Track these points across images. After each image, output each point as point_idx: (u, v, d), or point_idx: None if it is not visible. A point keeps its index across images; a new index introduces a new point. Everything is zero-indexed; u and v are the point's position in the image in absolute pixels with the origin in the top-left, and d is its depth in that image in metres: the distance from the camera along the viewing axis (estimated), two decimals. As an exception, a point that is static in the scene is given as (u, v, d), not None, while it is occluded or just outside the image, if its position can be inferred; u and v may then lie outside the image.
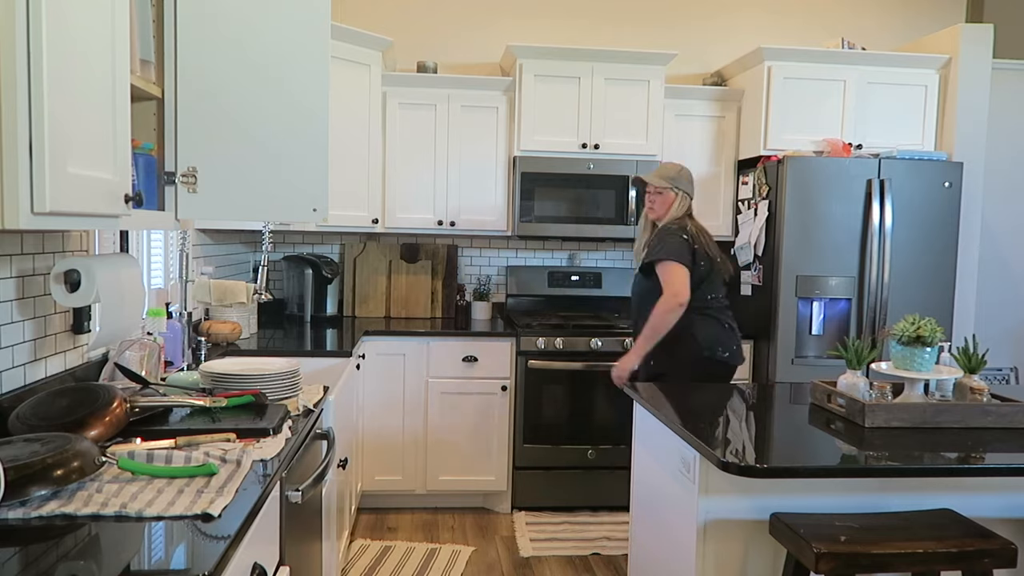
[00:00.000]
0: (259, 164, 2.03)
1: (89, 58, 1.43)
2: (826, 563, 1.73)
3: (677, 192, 3.08)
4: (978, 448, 1.99)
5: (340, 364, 3.10)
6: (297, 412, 2.07)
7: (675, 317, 2.90)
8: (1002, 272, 4.35)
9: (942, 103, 4.04)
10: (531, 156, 3.95)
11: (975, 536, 1.83)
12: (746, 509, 2.01)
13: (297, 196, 2.07)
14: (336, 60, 3.47)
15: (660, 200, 3.09)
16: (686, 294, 2.89)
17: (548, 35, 4.35)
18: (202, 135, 1.99)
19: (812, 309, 3.78)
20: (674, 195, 3.07)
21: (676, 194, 3.07)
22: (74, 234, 2.11)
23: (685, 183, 3.10)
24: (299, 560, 1.94)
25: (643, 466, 2.55)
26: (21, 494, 1.30)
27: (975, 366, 2.26)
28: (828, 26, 4.51)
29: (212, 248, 3.58)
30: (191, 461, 1.53)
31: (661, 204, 3.10)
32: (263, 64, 2.03)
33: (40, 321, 1.92)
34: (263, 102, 2.04)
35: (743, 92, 4.12)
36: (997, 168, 4.20)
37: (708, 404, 2.47)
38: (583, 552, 3.42)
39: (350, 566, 3.20)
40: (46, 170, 1.26)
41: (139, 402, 1.83)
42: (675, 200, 3.08)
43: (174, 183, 1.98)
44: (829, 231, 3.73)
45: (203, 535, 1.24)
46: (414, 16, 4.30)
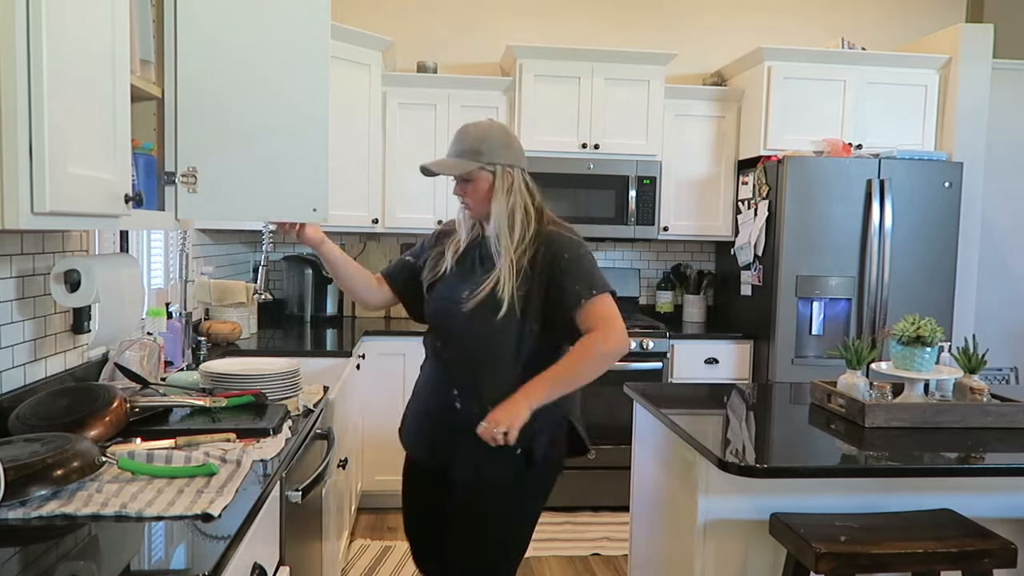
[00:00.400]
0: (259, 164, 2.03)
1: (89, 58, 1.43)
2: (826, 563, 1.73)
3: (495, 168, 1.92)
4: (978, 448, 1.99)
5: (340, 364, 3.10)
6: (297, 412, 2.07)
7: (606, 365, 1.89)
8: (1002, 272, 4.35)
9: (942, 103, 4.04)
10: (531, 156, 3.88)
11: (975, 536, 1.83)
12: (746, 509, 2.01)
13: (297, 196, 2.06)
14: (336, 60, 3.47)
15: (474, 189, 1.94)
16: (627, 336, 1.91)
17: (548, 35, 4.35)
18: (202, 135, 1.99)
19: (812, 309, 3.78)
20: (491, 174, 1.92)
21: (494, 171, 1.92)
22: (74, 234, 2.11)
23: (500, 149, 1.93)
24: (299, 560, 1.94)
25: (643, 466, 2.55)
26: (21, 494, 1.29)
27: (975, 366, 2.26)
28: (828, 26, 4.51)
29: (212, 248, 3.58)
30: (191, 461, 1.53)
31: (478, 195, 1.95)
32: (263, 64, 2.03)
33: (40, 321, 1.92)
34: (263, 102, 2.03)
35: (743, 92, 4.12)
36: (997, 168, 4.20)
37: (708, 404, 2.47)
38: (583, 552, 3.42)
39: (350, 566, 3.20)
40: (46, 170, 1.26)
41: (139, 402, 1.83)
42: (497, 179, 1.92)
43: (174, 183, 1.98)
44: (829, 231, 3.73)
45: (203, 535, 1.24)
46: (414, 16, 4.30)
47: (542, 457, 1.91)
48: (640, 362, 3.81)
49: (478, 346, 1.92)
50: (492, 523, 1.93)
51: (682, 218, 4.16)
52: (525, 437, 1.83)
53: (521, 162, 1.98)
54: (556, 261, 1.89)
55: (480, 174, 1.93)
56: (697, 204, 4.18)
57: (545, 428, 1.90)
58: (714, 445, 1.92)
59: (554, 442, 1.95)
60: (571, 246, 1.92)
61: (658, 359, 3.83)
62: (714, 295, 4.52)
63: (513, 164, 1.95)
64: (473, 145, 1.93)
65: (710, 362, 3.93)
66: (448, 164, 1.96)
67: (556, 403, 1.87)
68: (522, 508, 1.96)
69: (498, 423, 1.77)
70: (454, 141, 1.98)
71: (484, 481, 1.90)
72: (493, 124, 1.99)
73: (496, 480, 1.90)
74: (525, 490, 1.94)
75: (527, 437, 1.84)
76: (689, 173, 4.15)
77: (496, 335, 1.89)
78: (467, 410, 1.90)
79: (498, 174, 1.92)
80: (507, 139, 1.97)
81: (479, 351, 1.92)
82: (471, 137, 1.95)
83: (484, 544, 1.93)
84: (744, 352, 3.95)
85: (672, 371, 3.90)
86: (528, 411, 1.80)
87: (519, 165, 1.97)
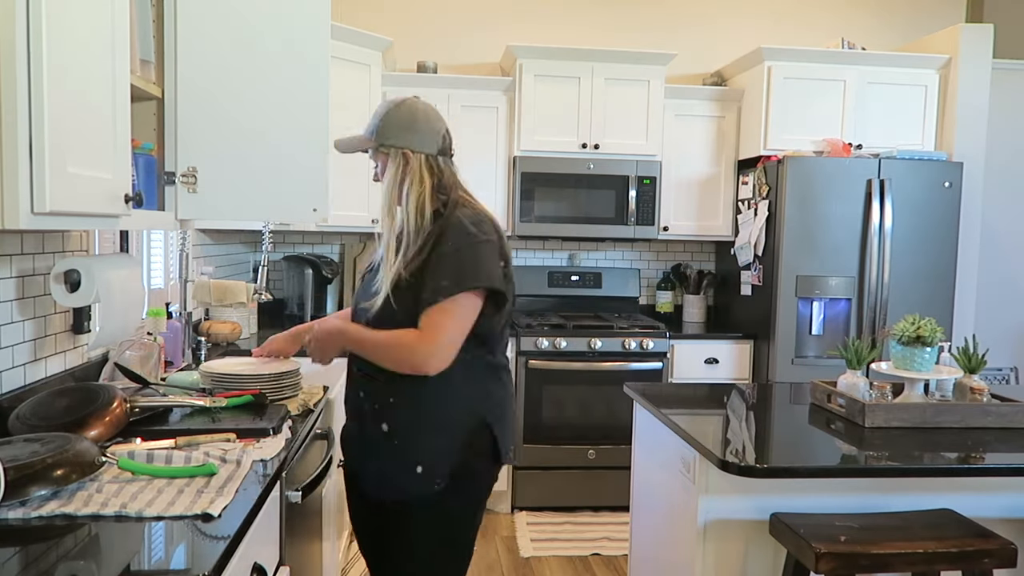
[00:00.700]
0: (259, 164, 2.03)
1: (89, 58, 1.43)
2: (826, 563, 1.73)
3: (388, 151, 1.78)
4: (978, 448, 1.99)
5: (340, 364, 3.09)
6: (297, 412, 2.07)
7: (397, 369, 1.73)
8: (1002, 272, 4.35)
9: (942, 103, 4.04)
10: (531, 156, 3.95)
11: (975, 536, 1.83)
12: (746, 509, 2.01)
13: (297, 196, 2.07)
14: (336, 60, 3.47)
15: (381, 170, 1.82)
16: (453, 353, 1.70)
17: (548, 35, 4.35)
18: (202, 135, 1.99)
19: (812, 309, 3.78)
20: (386, 156, 1.79)
21: (388, 154, 1.78)
22: (74, 234, 2.11)
23: (398, 130, 1.77)
24: (299, 560, 1.94)
25: (643, 466, 2.55)
26: (21, 494, 1.29)
27: (975, 366, 2.26)
28: (828, 26, 4.51)
29: (212, 248, 3.58)
30: (191, 461, 1.53)
31: (382, 173, 1.82)
32: (263, 64, 2.03)
33: (40, 321, 1.92)
34: (263, 102, 2.03)
35: (743, 92, 4.12)
36: (997, 168, 4.20)
37: (708, 404, 2.47)
38: (583, 552, 3.42)
39: (350, 566, 3.20)
40: (46, 170, 1.26)
41: (139, 402, 1.83)
42: (390, 163, 1.78)
43: (174, 183, 1.98)
44: (829, 231, 3.73)
45: (203, 535, 1.24)
46: (414, 16, 4.30)
47: (455, 471, 1.74)
48: (640, 362, 3.82)
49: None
50: (398, 544, 1.81)
51: (682, 218, 4.16)
52: (425, 452, 1.72)
53: (426, 147, 1.77)
54: (437, 247, 1.71)
55: (377, 155, 1.79)
56: (697, 204, 4.18)
57: (454, 441, 1.74)
58: (714, 445, 1.92)
59: (472, 451, 1.76)
60: (458, 234, 1.71)
61: (658, 359, 3.83)
62: (714, 295, 4.52)
63: (412, 148, 1.76)
64: (373, 122, 1.79)
65: (710, 362, 3.93)
66: (348, 139, 1.84)
67: (472, 410, 1.76)
68: (439, 525, 1.78)
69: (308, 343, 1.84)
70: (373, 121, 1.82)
71: (388, 497, 1.79)
72: (404, 102, 1.80)
73: (398, 498, 1.76)
74: (439, 507, 1.76)
75: (427, 452, 1.72)
76: (689, 173, 4.15)
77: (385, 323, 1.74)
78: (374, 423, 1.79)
79: (391, 157, 1.76)
80: (410, 119, 1.76)
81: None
82: (375, 114, 1.81)
83: (406, 564, 1.81)
84: (744, 352, 3.95)
85: (672, 371, 3.90)
86: (338, 352, 1.82)
87: (422, 150, 1.76)
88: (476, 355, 1.77)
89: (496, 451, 1.80)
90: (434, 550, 1.79)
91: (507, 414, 1.85)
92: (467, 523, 1.83)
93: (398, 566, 1.83)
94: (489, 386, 1.82)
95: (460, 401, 1.75)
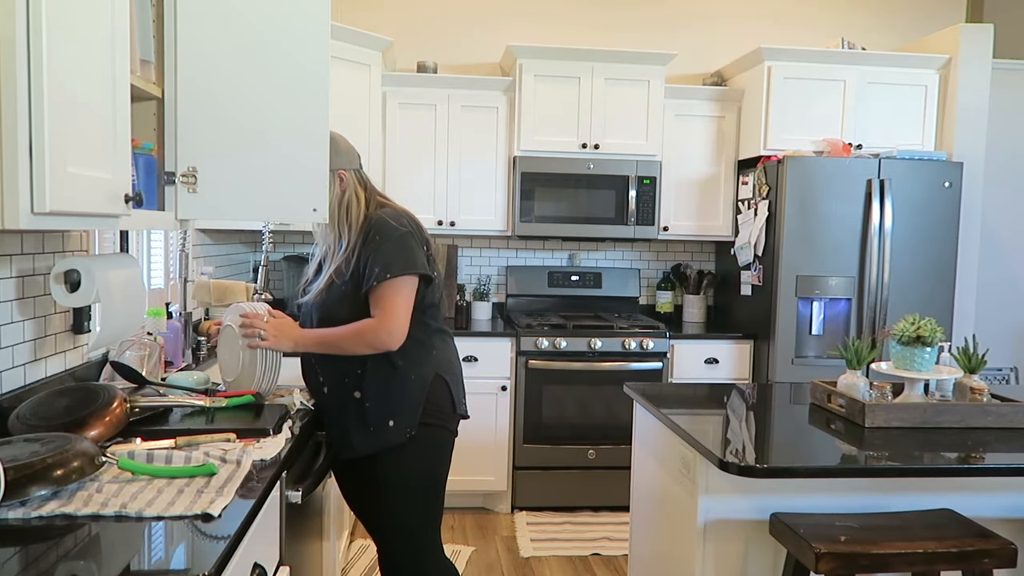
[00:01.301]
0: (259, 164, 2.03)
1: (89, 58, 1.43)
2: (826, 563, 1.73)
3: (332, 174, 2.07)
4: (978, 448, 1.99)
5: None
6: (295, 407, 2.07)
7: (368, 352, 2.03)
8: (1002, 272, 4.35)
9: (942, 103, 4.04)
10: (531, 156, 3.95)
11: (975, 536, 1.83)
12: (746, 509, 2.01)
13: (297, 196, 2.06)
14: (336, 60, 3.47)
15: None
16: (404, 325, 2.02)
17: (548, 35, 4.35)
18: (202, 135, 1.99)
19: (812, 309, 3.78)
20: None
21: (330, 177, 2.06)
22: (74, 234, 2.11)
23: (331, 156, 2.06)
24: (299, 560, 1.94)
25: (643, 466, 2.55)
26: (21, 494, 1.29)
27: (975, 366, 2.26)
28: (828, 26, 4.51)
29: (212, 248, 3.58)
30: (191, 461, 1.53)
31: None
32: (263, 64, 2.03)
33: (40, 321, 1.92)
34: (263, 102, 2.03)
35: (743, 92, 4.12)
36: (997, 168, 4.20)
37: (708, 404, 2.47)
38: (583, 552, 3.42)
39: (350, 566, 3.20)
40: (46, 170, 1.26)
41: (139, 402, 1.83)
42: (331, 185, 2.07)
43: (174, 183, 1.98)
44: (829, 231, 3.73)
45: (203, 535, 1.24)
46: (414, 16, 4.30)
47: (423, 419, 2.07)
48: (640, 362, 3.82)
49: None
50: (382, 490, 2.09)
51: (682, 218, 4.16)
52: (395, 409, 2.04)
53: (353, 163, 2.13)
54: (368, 243, 2.03)
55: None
56: (697, 204, 4.18)
57: (418, 396, 2.06)
58: (714, 445, 1.92)
59: (429, 401, 2.08)
60: (385, 229, 2.03)
61: (658, 359, 3.83)
62: (714, 295, 4.52)
63: (344, 167, 2.11)
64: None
65: (710, 362, 3.93)
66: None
67: (428, 367, 2.09)
68: (415, 465, 2.09)
69: (265, 330, 2.01)
70: None
71: (356, 452, 2.07)
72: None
73: (365, 450, 2.06)
74: (413, 451, 2.07)
75: (396, 408, 2.05)
76: (689, 173, 4.15)
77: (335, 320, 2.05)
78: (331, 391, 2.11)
79: (331, 180, 2.07)
80: (334, 145, 2.09)
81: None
82: None
83: (384, 510, 2.10)
84: (744, 352, 3.95)
85: (672, 371, 3.90)
86: (290, 345, 2.04)
87: (350, 167, 2.12)
88: (421, 322, 2.09)
89: (452, 400, 2.14)
90: (413, 487, 2.10)
91: (456, 369, 2.19)
92: (438, 463, 2.15)
93: (384, 507, 2.10)
94: (436, 347, 2.14)
95: (416, 362, 2.08)
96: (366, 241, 2.04)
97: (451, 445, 2.19)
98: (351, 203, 2.09)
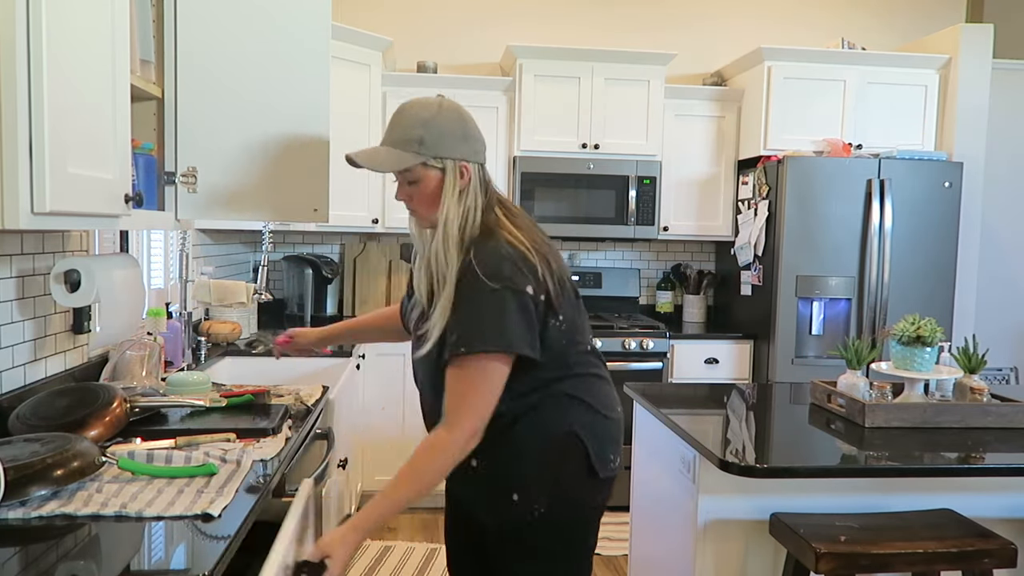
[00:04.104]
0: (259, 164, 2.03)
1: (89, 58, 1.43)
2: (826, 563, 1.73)
3: (443, 164, 1.52)
4: (978, 448, 1.99)
5: (340, 364, 3.10)
6: (296, 405, 2.07)
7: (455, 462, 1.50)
8: (1002, 272, 4.35)
9: (942, 103, 4.04)
10: (531, 156, 3.94)
11: (975, 536, 1.83)
12: (746, 509, 2.01)
13: (297, 196, 2.07)
14: (336, 60, 3.47)
15: (421, 192, 1.55)
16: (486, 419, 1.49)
17: (548, 35, 4.35)
18: (202, 135, 1.99)
19: (812, 309, 3.78)
20: (439, 171, 1.52)
21: (443, 168, 1.52)
22: (74, 234, 2.11)
23: (452, 139, 1.51)
24: (299, 560, 1.94)
25: (643, 466, 2.55)
26: (21, 494, 1.29)
27: (975, 366, 2.26)
28: (828, 26, 4.51)
29: (212, 248, 3.58)
30: (191, 461, 1.53)
31: (426, 199, 1.55)
32: (263, 64, 2.03)
33: (40, 321, 1.92)
34: (263, 102, 2.03)
35: (743, 92, 4.12)
36: (997, 168, 4.20)
37: (708, 404, 2.47)
38: (583, 552, 3.41)
39: (350, 566, 3.20)
40: (46, 170, 1.26)
41: (139, 402, 1.83)
42: (447, 179, 1.52)
43: (174, 183, 1.98)
44: (829, 231, 3.73)
45: (203, 535, 1.24)
46: (414, 16, 4.30)
47: (553, 495, 1.57)
48: (640, 362, 3.82)
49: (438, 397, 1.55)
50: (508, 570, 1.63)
51: (682, 218, 4.16)
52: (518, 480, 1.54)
53: (480, 156, 1.55)
54: (458, 287, 1.48)
55: (425, 172, 1.51)
56: (697, 204, 4.18)
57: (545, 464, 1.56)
58: (714, 445, 1.92)
59: (566, 470, 1.58)
60: (474, 279, 1.46)
61: (658, 359, 3.83)
62: (714, 295, 4.52)
63: (468, 159, 1.52)
64: (413, 132, 1.49)
65: (710, 362, 3.93)
66: (380, 156, 1.51)
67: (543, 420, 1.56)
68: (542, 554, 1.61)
69: (321, 550, 1.42)
70: (390, 124, 1.52)
71: (490, 521, 1.62)
72: (443, 105, 1.53)
73: (498, 523, 1.60)
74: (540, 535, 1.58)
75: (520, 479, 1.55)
76: (689, 173, 4.15)
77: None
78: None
79: (449, 171, 1.50)
80: (462, 125, 1.52)
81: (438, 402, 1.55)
82: (412, 120, 1.50)
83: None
84: (744, 352, 3.95)
85: (672, 371, 3.90)
86: (358, 540, 1.44)
87: (476, 160, 1.54)
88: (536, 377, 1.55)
89: (589, 463, 1.59)
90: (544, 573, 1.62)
91: (599, 420, 1.62)
92: (574, 550, 1.64)
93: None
94: (567, 393, 1.59)
95: (537, 420, 1.57)
96: (458, 281, 1.49)
97: (593, 522, 1.68)
98: (471, 210, 1.52)
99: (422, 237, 1.61)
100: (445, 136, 1.50)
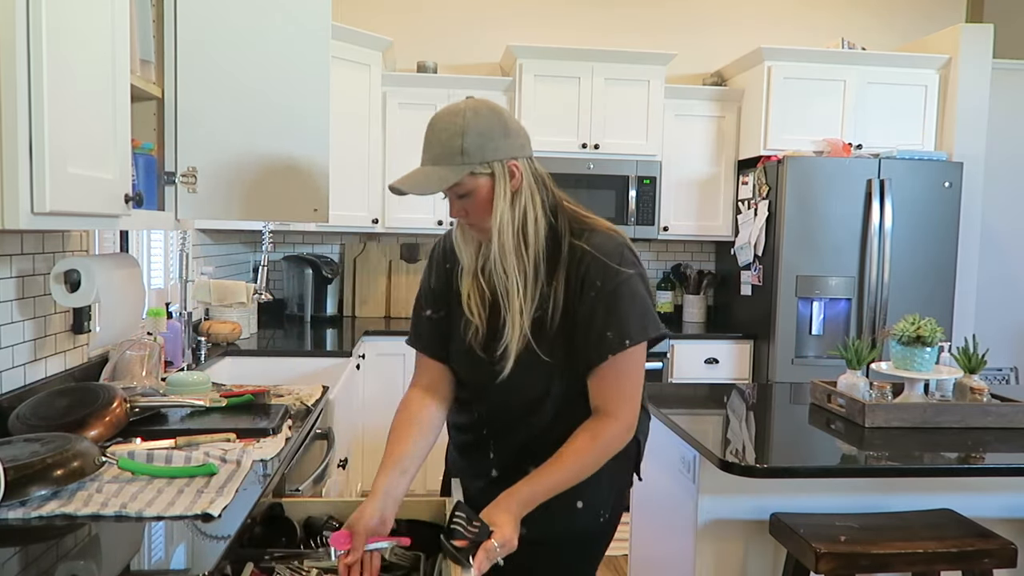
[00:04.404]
0: (259, 164, 2.03)
1: (89, 58, 1.43)
2: (826, 563, 1.73)
3: (492, 167, 1.39)
4: (978, 448, 1.99)
5: (340, 364, 3.10)
6: (296, 406, 2.07)
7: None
8: (1002, 272, 4.35)
9: (942, 103, 4.04)
10: (531, 156, 3.94)
11: (975, 536, 1.83)
12: (746, 509, 2.01)
13: (297, 196, 2.07)
14: (336, 60, 3.47)
15: (475, 203, 1.42)
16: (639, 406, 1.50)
17: (548, 35, 4.35)
18: (202, 135, 1.99)
19: (812, 309, 3.78)
20: (488, 176, 1.39)
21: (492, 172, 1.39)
22: (74, 234, 2.11)
23: (494, 139, 1.38)
24: (299, 560, 1.94)
25: (643, 466, 2.54)
26: (21, 494, 1.29)
27: (975, 366, 2.26)
28: (828, 26, 4.51)
29: (212, 248, 3.58)
30: (191, 461, 1.53)
31: (481, 208, 1.42)
32: (264, 64, 2.03)
33: (40, 321, 1.92)
34: (263, 102, 2.03)
35: (743, 92, 4.12)
36: (997, 168, 4.20)
37: (708, 404, 2.47)
38: (583, 552, 3.41)
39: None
40: (46, 170, 1.26)
41: (139, 402, 1.82)
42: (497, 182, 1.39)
43: (174, 183, 1.98)
44: (829, 231, 3.73)
45: (203, 535, 1.24)
46: (414, 16, 4.30)
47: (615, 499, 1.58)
48: (640, 362, 3.81)
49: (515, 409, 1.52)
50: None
51: (682, 218, 4.16)
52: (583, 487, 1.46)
53: (526, 150, 1.44)
54: (585, 288, 1.42)
55: (474, 181, 1.39)
56: (697, 204, 4.18)
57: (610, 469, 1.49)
58: (714, 445, 1.92)
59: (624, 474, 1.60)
60: (607, 270, 1.42)
61: (658, 359, 3.83)
62: (714, 295, 4.52)
63: (517, 155, 1.41)
64: (451, 144, 1.37)
65: (710, 362, 3.93)
66: (423, 178, 1.40)
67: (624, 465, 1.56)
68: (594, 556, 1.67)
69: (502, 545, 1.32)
70: (426, 142, 1.42)
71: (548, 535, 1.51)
72: (473, 106, 1.40)
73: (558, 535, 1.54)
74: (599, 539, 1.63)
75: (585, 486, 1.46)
76: (689, 173, 4.15)
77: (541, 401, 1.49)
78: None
79: (498, 174, 1.38)
80: (500, 122, 1.40)
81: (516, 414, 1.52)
82: (446, 131, 1.38)
83: None
84: (744, 352, 3.95)
85: (672, 371, 3.90)
86: (520, 515, 1.38)
87: (524, 155, 1.42)
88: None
89: (639, 468, 1.63)
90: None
91: (644, 422, 1.61)
92: (607, 544, 1.68)
93: None
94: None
95: None
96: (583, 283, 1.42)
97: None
98: (527, 210, 1.41)
99: (467, 248, 1.49)
100: (485, 138, 1.38)
